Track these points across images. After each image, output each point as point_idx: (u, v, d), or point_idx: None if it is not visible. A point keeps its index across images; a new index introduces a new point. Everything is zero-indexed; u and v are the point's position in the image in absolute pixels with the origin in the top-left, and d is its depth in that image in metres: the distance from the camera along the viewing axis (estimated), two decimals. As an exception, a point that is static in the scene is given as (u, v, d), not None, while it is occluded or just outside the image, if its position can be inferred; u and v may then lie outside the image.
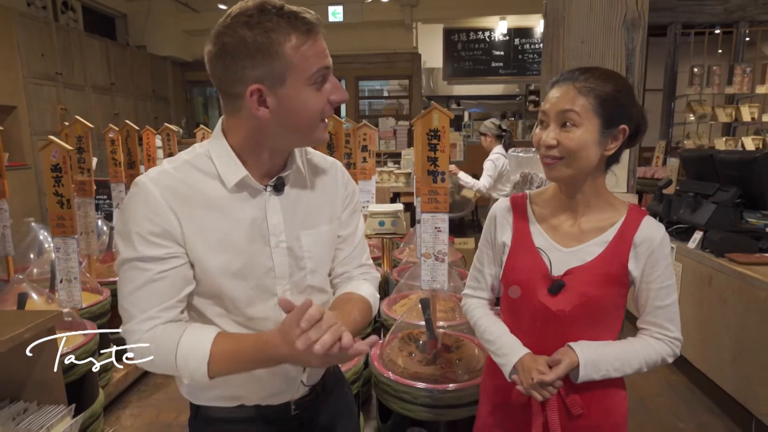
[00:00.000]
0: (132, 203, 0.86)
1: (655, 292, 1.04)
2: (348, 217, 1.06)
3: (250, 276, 0.90)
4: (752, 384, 2.23)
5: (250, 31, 0.79)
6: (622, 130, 1.01)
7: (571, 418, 1.06)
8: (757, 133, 5.58)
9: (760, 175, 2.55)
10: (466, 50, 8.28)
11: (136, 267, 0.84)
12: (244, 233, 0.90)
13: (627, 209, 1.07)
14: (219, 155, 0.89)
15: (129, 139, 3.32)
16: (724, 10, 5.32)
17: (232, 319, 0.92)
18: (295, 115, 0.84)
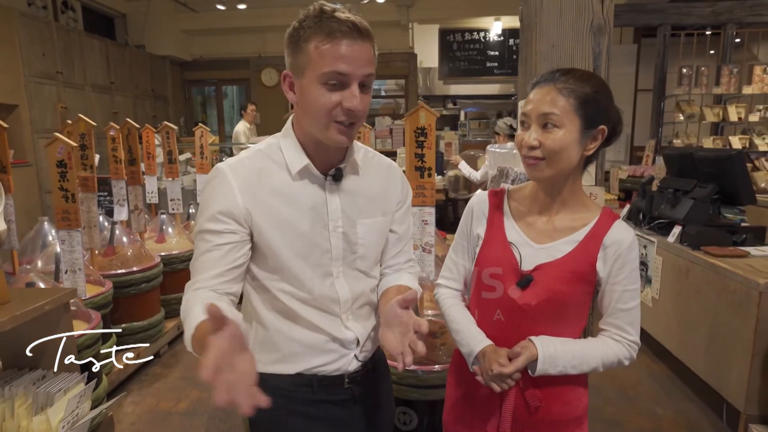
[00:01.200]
0: (210, 185, 0.99)
1: (619, 294, 1.06)
2: (402, 215, 1.15)
3: (310, 256, 1.00)
4: (722, 369, 2.34)
5: (294, 25, 0.92)
6: (601, 130, 1.02)
7: (531, 410, 1.09)
8: (744, 132, 5.70)
9: (734, 172, 2.66)
10: (461, 50, 8.39)
11: (202, 238, 0.97)
12: (306, 217, 0.99)
13: (600, 211, 1.09)
14: (287, 145, 1.00)
15: (130, 136, 3.42)
16: (712, 12, 5.44)
17: (293, 295, 1.01)
18: (307, 105, 0.94)
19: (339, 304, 1.04)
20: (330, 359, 1.06)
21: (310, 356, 1.04)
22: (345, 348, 1.07)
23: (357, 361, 1.08)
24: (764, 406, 2.13)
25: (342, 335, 1.05)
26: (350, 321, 1.07)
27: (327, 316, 1.04)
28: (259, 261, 1.02)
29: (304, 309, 1.02)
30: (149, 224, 3.85)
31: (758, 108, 5.55)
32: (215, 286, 0.94)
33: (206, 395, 2.84)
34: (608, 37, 1.46)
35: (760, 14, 5.27)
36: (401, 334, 0.91)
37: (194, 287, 0.94)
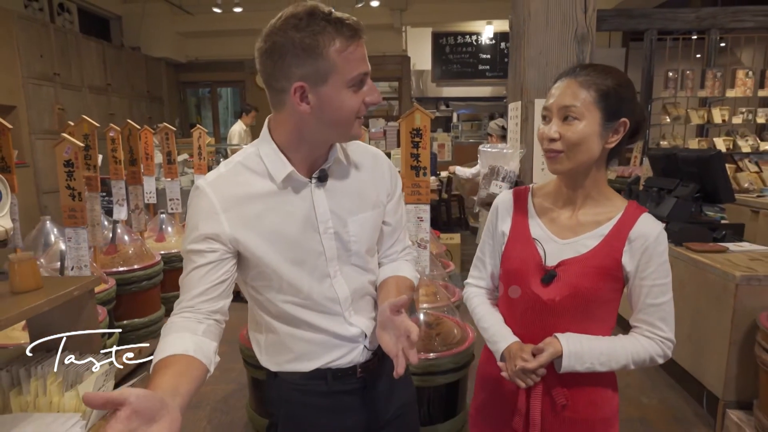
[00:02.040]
0: (192, 204, 0.98)
1: (648, 289, 1.04)
2: (394, 206, 1.14)
3: (305, 262, 1.00)
4: (703, 359, 2.46)
5: (299, 33, 0.87)
6: (623, 122, 1.02)
7: (557, 409, 1.09)
8: (728, 134, 5.86)
9: (714, 171, 2.79)
10: (454, 53, 8.52)
11: (188, 257, 0.97)
12: (296, 224, 0.98)
13: (626, 205, 1.08)
14: (266, 153, 0.98)
15: (131, 137, 3.49)
16: (696, 18, 5.59)
17: (292, 302, 1.02)
18: (333, 112, 0.92)
19: (339, 303, 1.05)
20: (341, 353, 1.07)
21: (322, 354, 1.06)
22: (353, 342, 1.08)
23: (367, 350, 1.09)
24: (741, 392, 2.25)
25: (347, 332, 1.06)
26: (353, 317, 1.07)
27: (329, 316, 1.05)
28: (254, 274, 1.01)
29: (306, 313, 1.03)
30: (149, 224, 3.92)
31: (741, 110, 5.72)
32: (197, 305, 0.94)
33: (208, 389, 2.92)
34: (591, 45, 1.57)
35: (742, 20, 5.43)
36: (395, 337, 0.94)
37: (177, 308, 0.95)
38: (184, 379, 0.81)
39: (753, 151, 5.64)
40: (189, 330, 0.91)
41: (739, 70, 5.65)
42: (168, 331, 0.91)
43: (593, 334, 1.06)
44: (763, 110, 5.67)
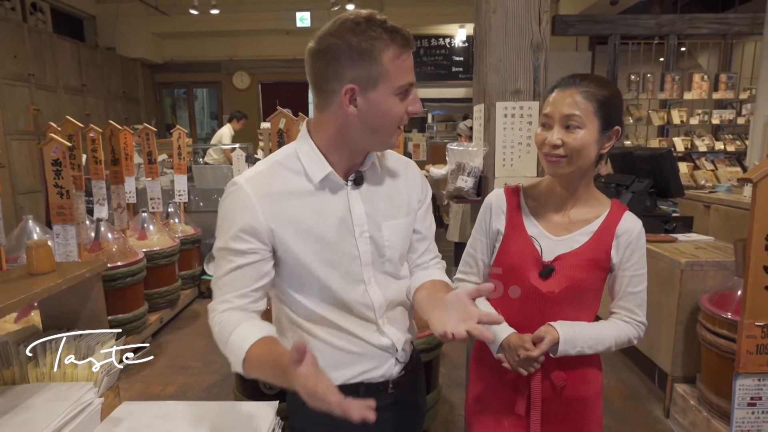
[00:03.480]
0: (228, 200, 0.96)
1: (629, 279, 1.14)
2: (424, 213, 1.13)
3: (339, 264, 0.99)
4: (655, 339, 2.69)
5: (356, 36, 0.88)
6: (616, 130, 1.10)
7: (557, 390, 1.17)
8: (686, 134, 6.20)
9: (666, 168, 3.03)
10: (428, 55, 8.73)
11: (224, 256, 0.96)
12: (331, 224, 0.98)
13: (610, 204, 1.17)
14: (306, 153, 0.98)
15: (113, 137, 3.56)
16: (656, 24, 5.91)
17: (326, 304, 1.00)
18: (379, 117, 0.94)
19: (374, 310, 1.03)
20: (372, 365, 1.05)
21: (352, 363, 1.03)
22: (385, 353, 1.05)
23: (399, 364, 1.08)
24: (686, 368, 2.49)
25: (378, 341, 1.04)
26: (386, 326, 1.05)
27: (362, 323, 1.03)
28: (288, 274, 1.00)
29: (339, 317, 1.01)
30: (130, 223, 3.99)
31: (698, 112, 6.05)
32: (243, 305, 0.96)
33: (192, 380, 3.02)
34: (545, 53, 1.76)
35: (698, 27, 5.78)
36: (458, 319, 0.88)
37: (222, 308, 0.95)
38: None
39: (709, 150, 5.98)
40: (252, 318, 0.95)
41: (695, 73, 5.99)
42: (235, 322, 0.92)
43: (583, 319, 1.16)
44: (718, 112, 6.02)
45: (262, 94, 9.32)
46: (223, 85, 9.16)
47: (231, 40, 8.63)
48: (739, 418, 1.03)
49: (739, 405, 1.02)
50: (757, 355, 1.01)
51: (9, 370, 1.19)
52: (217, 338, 0.96)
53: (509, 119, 1.76)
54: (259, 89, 9.29)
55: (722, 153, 6.01)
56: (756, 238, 1.00)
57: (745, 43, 6.26)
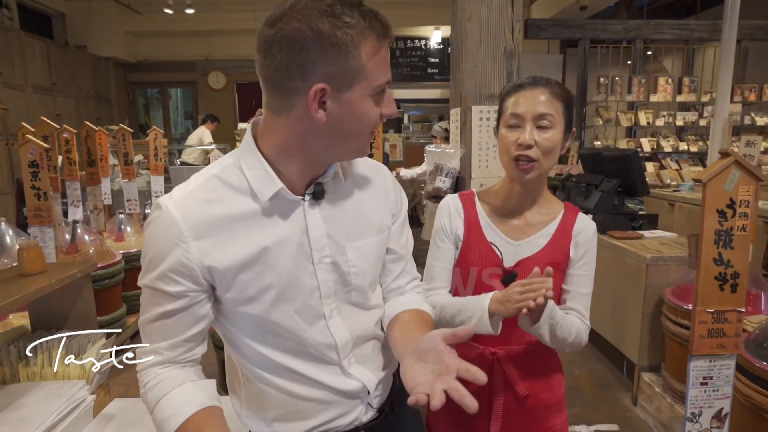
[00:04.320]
0: (152, 227, 0.78)
1: (581, 278, 1.13)
2: (399, 228, 0.96)
3: (294, 298, 0.82)
4: (622, 331, 2.83)
5: (329, 22, 0.69)
6: (573, 132, 1.11)
7: (520, 401, 1.15)
8: (652, 135, 6.45)
9: (632, 168, 3.18)
10: (404, 57, 8.83)
11: (150, 296, 0.80)
12: (284, 251, 0.80)
13: (563, 206, 1.16)
14: (250, 166, 0.79)
15: (88, 138, 3.52)
16: (624, 29, 6.14)
17: (278, 347, 0.85)
18: (353, 123, 0.76)
19: (336, 349, 0.86)
20: (338, 413, 0.89)
21: (313, 413, 0.87)
22: (353, 399, 0.89)
23: (372, 409, 0.92)
24: (652, 357, 2.62)
25: (344, 386, 0.88)
26: (353, 366, 0.89)
27: (322, 366, 0.87)
28: (230, 315, 0.84)
29: (293, 361, 0.85)
30: (107, 224, 3.95)
31: (663, 114, 6.30)
32: (175, 357, 0.81)
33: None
34: (518, 60, 1.86)
35: (662, 32, 6.02)
36: (434, 373, 0.73)
37: (150, 362, 0.81)
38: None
39: (673, 150, 6.24)
40: (186, 379, 0.82)
41: (660, 77, 6.23)
42: (164, 388, 0.80)
43: None
44: (682, 114, 6.28)
45: (238, 94, 9.27)
46: (199, 85, 9.07)
47: (206, 39, 8.56)
48: (693, 396, 1.13)
49: (693, 385, 1.12)
50: (708, 338, 1.11)
51: (1, 370, 1.20)
52: (143, 401, 0.82)
53: (484, 122, 1.85)
54: (234, 89, 9.24)
55: (686, 153, 6.28)
56: (706, 233, 1.10)
57: (705, 48, 6.54)
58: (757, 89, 6.17)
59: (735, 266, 1.09)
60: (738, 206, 1.04)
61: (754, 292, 2.24)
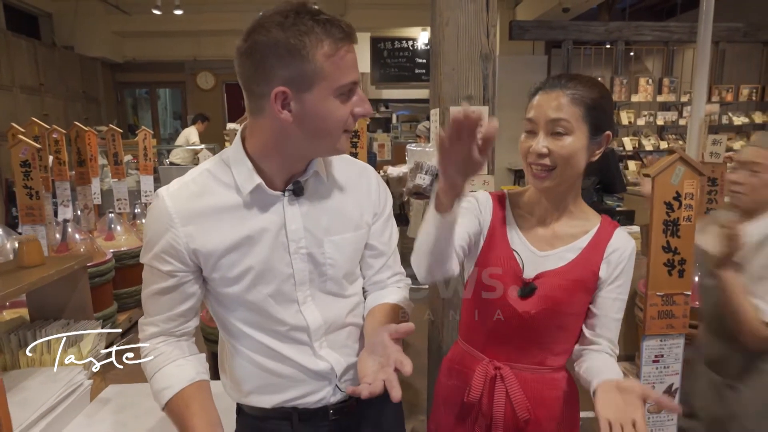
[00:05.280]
0: (150, 214, 0.90)
1: (612, 302, 1.02)
2: (382, 226, 1.02)
3: (270, 283, 0.91)
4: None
5: (284, 32, 0.78)
6: (607, 136, 1.00)
7: (519, 425, 1.06)
8: (634, 134, 6.61)
9: (609, 166, 3.30)
10: (391, 57, 8.92)
11: (148, 273, 0.92)
12: (263, 240, 0.89)
13: (600, 219, 1.08)
14: (235, 162, 0.89)
15: (78, 139, 3.57)
16: (606, 30, 6.27)
17: (255, 325, 0.94)
18: (318, 122, 0.83)
19: (308, 332, 0.94)
20: (307, 390, 0.97)
21: (285, 388, 0.96)
22: (321, 379, 0.97)
23: (341, 392, 0.98)
24: (627, 347, 2.74)
25: (314, 366, 0.95)
26: (324, 349, 0.97)
27: (295, 345, 0.95)
28: (215, 293, 0.94)
29: (269, 340, 0.94)
30: (97, 223, 4.00)
31: (644, 113, 6.45)
32: (170, 330, 0.93)
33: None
34: (493, 63, 1.95)
35: (643, 34, 6.17)
36: (379, 365, 0.81)
37: (149, 332, 0.93)
38: (207, 409, 0.89)
39: (655, 149, 6.40)
40: (179, 355, 0.93)
41: (641, 77, 6.38)
42: (160, 362, 0.92)
43: (561, 344, 1.06)
44: (662, 113, 6.43)
45: (227, 94, 9.31)
46: (187, 85, 9.10)
47: (195, 39, 8.58)
48: (646, 373, 1.23)
49: (645, 362, 1.22)
50: (659, 320, 1.21)
51: (1, 356, 1.27)
52: (143, 368, 0.94)
53: (462, 122, 1.94)
54: (223, 89, 9.27)
55: (667, 152, 6.44)
56: (655, 223, 1.20)
57: (685, 49, 6.71)
58: (734, 89, 6.34)
59: (682, 253, 1.19)
60: (683, 199, 1.14)
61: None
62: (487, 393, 1.07)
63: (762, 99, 6.43)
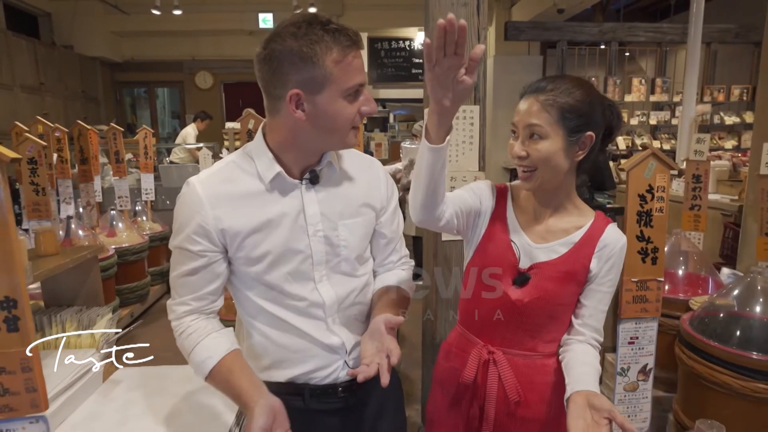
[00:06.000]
0: (181, 200, 0.99)
1: (602, 295, 1.08)
2: (390, 216, 1.12)
3: (288, 262, 1.00)
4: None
5: (296, 41, 0.88)
6: (589, 137, 1.03)
7: (510, 407, 1.12)
8: (627, 134, 6.70)
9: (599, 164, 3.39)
10: (388, 57, 9.01)
11: (179, 256, 1.00)
12: (283, 224, 0.99)
13: (594, 215, 1.12)
14: (258, 154, 0.99)
15: (81, 137, 3.64)
16: (599, 31, 6.37)
17: (274, 301, 1.02)
18: (328, 120, 0.93)
19: (323, 308, 1.03)
20: (319, 365, 1.05)
21: (298, 362, 1.05)
22: (333, 353, 1.06)
23: (349, 368, 1.06)
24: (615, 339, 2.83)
25: (327, 340, 1.04)
26: (336, 325, 1.06)
27: (310, 320, 1.04)
28: (238, 272, 1.02)
29: (287, 314, 1.03)
30: (99, 220, 4.07)
31: (637, 113, 6.56)
32: (200, 308, 1.01)
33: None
34: (483, 64, 2.04)
35: (636, 35, 6.27)
36: (377, 349, 0.93)
37: (181, 311, 1.01)
38: (248, 372, 0.97)
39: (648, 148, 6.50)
40: (212, 329, 1.01)
41: (634, 78, 6.48)
42: (197, 337, 0.99)
43: (552, 332, 1.11)
44: (655, 113, 6.54)
45: (225, 94, 9.38)
46: (186, 85, 9.17)
47: (193, 39, 8.65)
48: (622, 354, 1.32)
49: (621, 344, 1.31)
50: (634, 304, 1.30)
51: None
52: (180, 346, 1.01)
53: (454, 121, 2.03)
54: (221, 89, 9.34)
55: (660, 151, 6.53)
56: (630, 214, 1.29)
57: (677, 50, 6.81)
58: (725, 90, 6.45)
59: (654, 242, 1.28)
60: (656, 191, 1.23)
61: (704, 276, 2.45)
62: (480, 375, 1.13)
63: (753, 99, 6.54)
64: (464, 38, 0.79)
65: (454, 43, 0.79)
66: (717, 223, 3.48)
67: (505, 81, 6.64)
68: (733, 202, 3.55)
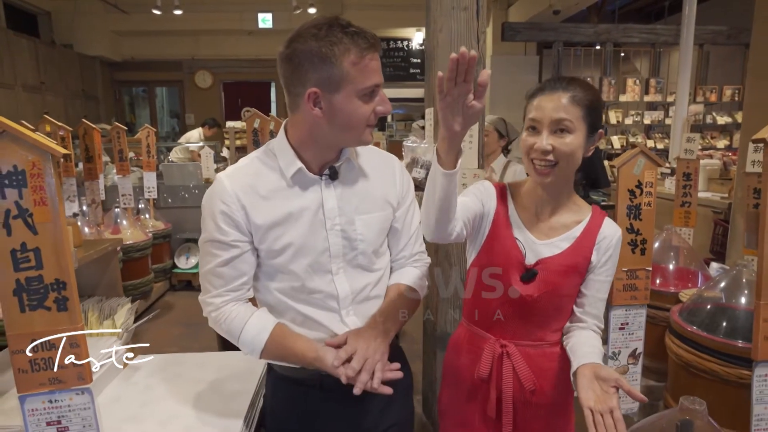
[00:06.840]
0: (211, 193, 1.03)
1: (600, 284, 1.13)
2: (405, 211, 1.15)
3: (308, 254, 1.04)
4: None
5: (317, 42, 0.92)
6: (600, 133, 1.10)
7: (525, 396, 1.16)
8: (622, 133, 6.81)
9: (594, 162, 3.49)
10: (386, 57, 9.09)
11: (210, 249, 1.03)
12: (303, 217, 1.03)
13: (591, 210, 1.16)
14: (280, 151, 1.04)
15: (86, 136, 3.71)
16: (594, 32, 6.47)
17: (290, 292, 1.07)
18: (344, 119, 0.97)
19: (338, 300, 1.07)
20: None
21: None
22: None
23: None
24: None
25: (341, 331, 1.07)
26: (350, 316, 1.09)
27: (324, 312, 1.07)
28: (263, 265, 1.07)
29: (303, 307, 1.07)
30: (104, 218, 4.13)
31: (632, 113, 6.66)
32: (238, 296, 1.06)
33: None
34: (482, 66, 2.13)
35: (631, 36, 6.37)
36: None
37: (219, 302, 1.05)
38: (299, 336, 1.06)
39: (642, 147, 6.60)
40: (252, 311, 1.07)
41: (629, 78, 6.58)
42: (242, 320, 1.05)
43: (558, 322, 1.16)
44: (649, 113, 6.65)
45: (225, 93, 9.43)
46: (185, 84, 9.21)
47: (193, 39, 8.70)
48: (613, 339, 1.40)
49: (612, 329, 1.39)
50: (624, 292, 1.38)
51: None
52: (225, 331, 1.06)
53: (454, 121, 2.11)
54: (221, 88, 9.39)
55: (654, 150, 6.64)
56: (620, 208, 1.37)
57: (671, 51, 6.92)
58: (717, 90, 6.56)
59: (643, 234, 1.36)
60: (644, 187, 1.31)
61: (694, 270, 2.54)
62: (495, 369, 1.17)
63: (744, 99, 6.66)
64: (474, 67, 0.83)
65: (465, 72, 0.84)
66: (708, 220, 3.57)
67: (501, 81, 6.72)
68: (723, 199, 3.65)
